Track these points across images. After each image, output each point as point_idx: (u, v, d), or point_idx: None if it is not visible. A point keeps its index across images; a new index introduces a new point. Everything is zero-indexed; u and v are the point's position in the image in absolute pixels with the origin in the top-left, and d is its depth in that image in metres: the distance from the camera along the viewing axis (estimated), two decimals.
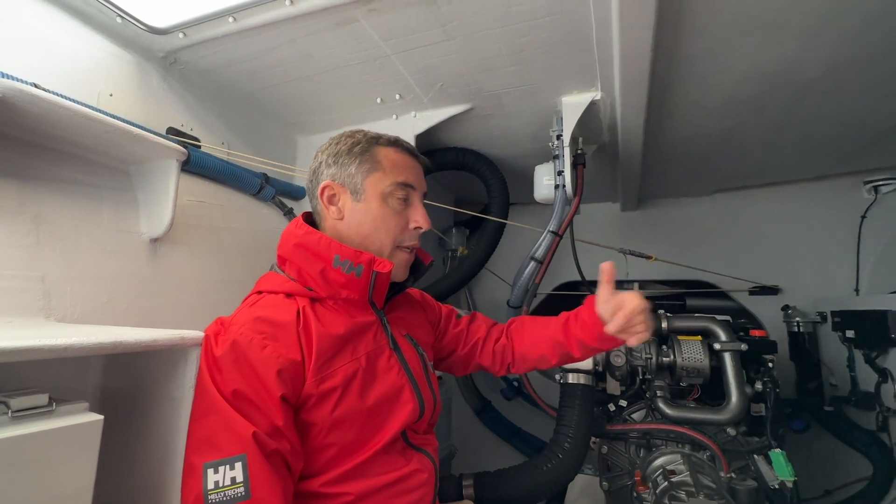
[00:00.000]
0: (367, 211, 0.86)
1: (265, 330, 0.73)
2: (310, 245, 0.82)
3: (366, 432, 0.79)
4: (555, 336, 1.03)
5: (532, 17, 1.16)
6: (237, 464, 0.63)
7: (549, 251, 1.64)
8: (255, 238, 1.54)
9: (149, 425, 0.71)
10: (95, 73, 1.18)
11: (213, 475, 0.62)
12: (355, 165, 0.87)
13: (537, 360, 1.08)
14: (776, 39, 1.18)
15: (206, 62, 1.38)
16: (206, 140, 1.49)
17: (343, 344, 0.80)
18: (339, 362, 0.78)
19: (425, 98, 1.60)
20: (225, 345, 0.71)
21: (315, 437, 0.75)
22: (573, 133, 1.54)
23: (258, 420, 0.67)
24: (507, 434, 2.58)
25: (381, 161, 0.88)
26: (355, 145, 0.89)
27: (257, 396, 0.68)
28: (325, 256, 0.81)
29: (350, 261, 0.81)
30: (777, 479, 1.22)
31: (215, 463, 0.63)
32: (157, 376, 0.70)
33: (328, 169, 0.88)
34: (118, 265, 1.03)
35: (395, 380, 0.84)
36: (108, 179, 1.06)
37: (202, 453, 0.65)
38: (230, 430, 0.65)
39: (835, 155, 1.99)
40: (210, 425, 0.66)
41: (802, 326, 2.08)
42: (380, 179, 0.86)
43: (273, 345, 0.72)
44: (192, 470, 0.64)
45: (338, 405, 0.75)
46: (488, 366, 1.12)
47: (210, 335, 0.74)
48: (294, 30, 1.22)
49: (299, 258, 0.84)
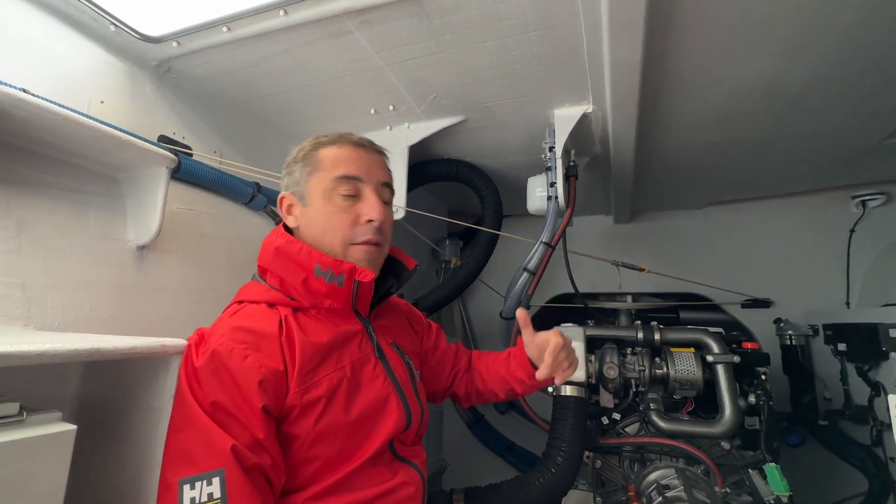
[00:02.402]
0: (314, 213, 0.84)
1: (246, 340, 0.72)
2: (291, 254, 0.81)
3: (351, 444, 0.77)
4: (500, 372, 1.07)
5: (523, 30, 1.17)
6: (215, 479, 0.60)
7: (542, 262, 1.64)
8: (245, 247, 1.52)
9: (128, 435, 0.68)
10: (87, 80, 1.18)
11: (190, 491, 0.59)
12: (299, 170, 0.87)
13: (487, 393, 1.12)
14: (761, 55, 1.21)
15: (200, 71, 1.38)
16: (199, 148, 1.49)
17: (327, 353, 0.78)
18: (323, 372, 0.76)
19: (419, 109, 1.61)
20: (205, 355, 0.69)
21: (298, 449, 0.73)
22: (565, 145, 1.55)
23: (238, 433, 0.65)
24: (501, 449, 2.54)
25: (322, 160, 0.86)
26: (300, 151, 0.89)
27: (237, 408, 0.66)
28: (307, 266, 0.80)
29: (331, 270, 0.79)
30: (772, 493, 1.21)
31: (192, 478, 0.60)
32: (137, 385, 0.68)
33: (283, 181, 0.90)
34: (103, 273, 1.01)
35: (380, 389, 0.82)
36: (96, 186, 1.05)
37: (178, 469, 0.62)
38: (207, 444, 0.62)
39: (823, 170, 2.02)
40: (187, 439, 0.64)
41: (795, 339, 2.08)
42: (320, 179, 0.84)
43: (255, 355, 0.70)
44: (167, 487, 0.61)
45: (322, 416, 0.73)
46: (462, 396, 1.14)
47: (191, 345, 0.72)
48: (288, 40, 1.23)
49: (280, 268, 0.82)
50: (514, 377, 1.04)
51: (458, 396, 1.15)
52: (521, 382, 1.03)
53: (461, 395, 1.14)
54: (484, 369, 1.12)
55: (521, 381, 1.03)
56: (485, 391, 1.12)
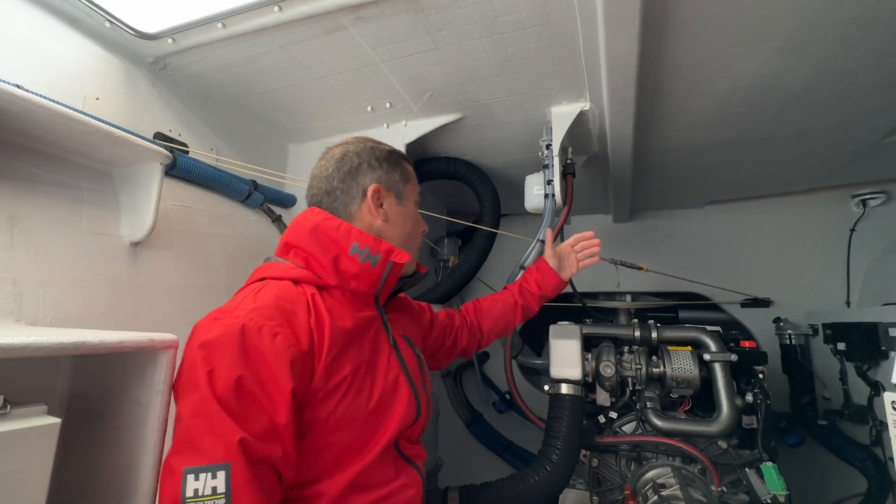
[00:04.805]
0: (408, 214, 0.95)
1: (275, 316, 0.68)
2: (328, 230, 0.81)
3: (366, 432, 0.76)
4: (514, 301, 1.30)
5: (519, 26, 1.17)
6: (220, 472, 0.58)
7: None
8: (241, 245, 1.52)
9: (116, 429, 0.68)
10: (82, 77, 1.18)
11: (194, 482, 0.57)
12: (398, 173, 0.94)
13: (505, 326, 1.31)
14: (759, 52, 1.20)
15: (196, 68, 1.38)
16: (195, 145, 1.49)
17: (351, 338, 0.78)
18: (347, 357, 0.75)
19: (415, 107, 1.60)
20: (232, 329, 0.65)
21: (317, 435, 0.71)
22: (562, 143, 1.55)
23: (256, 417, 0.62)
24: (499, 448, 2.53)
25: (411, 174, 0.99)
26: (392, 154, 0.96)
27: (263, 389, 0.63)
28: (343, 243, 0.80)
29: (369, 248, 0.81)
30: (769, 492, 1.20)
31: (197, 469, 0.58)
32: (126, 380, 0.68)
33: (372, 172, 0.90)
34: (96, 268, 1.01)
35: (394, 378, 0.83)
36: (90, 181, 1.04)
37: (184, 455, 0.60)
38: (215, 434, 0.60)
39: (823, 168, 2.01)
40: (196, 426, 0.61)
41: (794, 339, 2.07)
42: (413, 188, 0.98)
43: (284, 333, 0.67)
44: (171, 472, 0.59)
45: (342, 401, 0.73)
46: (465, 346, 1.25)
47: (203, 324, 0.68)
48: (283, 37, 1.23)
49: (311, 244, 0.82)
50: (532, 297, 1.30)
51: (462, 348, 1.25)
52: (540, 298, 1.31)
53: (464, 346, 1.24)
54: (492, 310, 1.29)
55: (539, 298, 1.31)
56: (504, 325, 1.30)
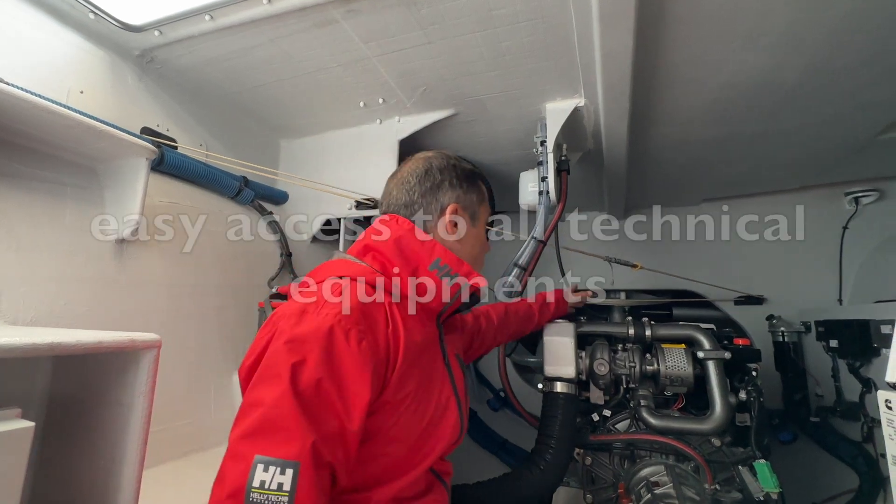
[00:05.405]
0: (478, 235, 0.94)
1: (361, 321, 0.68)
2: (413, 243, 0.82)
3: (416, 448, 0.76)
4: (531, 319, 1.42)
5: (513, 20, 1.15)
6: (289, 470, 0.56)
7: (533, 258, 1.61)
8: (232, 241, 1.50)
9: (97, 432, 0.66)
10: (66, 70, 1.15)
11: (262, 473, 0.55)
12: (475, 193, 0.94)
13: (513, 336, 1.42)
14: (754, 48, 1.19)
15: (184, 61, 1.36)
16: (184, 141, 1.46)
17: (420, 352, 0.77)
18: (414, 371, 0.75)
19: (409, 102, 1.58)
20: (321, 328, 0.64)
21: (374, 445, 0.71)
22: (557, 139, 1.54)
23: (329, 419, 0.61)
24: (493, 446, 2.53)
25: (485, 193, 0.98)
26: (473, 174, 0.95)
27: (341, 394, 0.62)
28: (425, 258, 0.81)
29: (450, 267, 0.81)
30: (762, 490, 1.20)
31: (268, 460, 0.56)
32: (107, 381, 0.66)
33: (453, 190, 0.90)
34: (79, 266, 0.98)
35: (446, 398, 0.84)
36: (73, 177, 1.02)
37: (257, 443, 0.57)
38: (291, 431, 0.58)
39: (816, 166, 2.01)
40: (271, 417, 0.59)
41: (787, 336, 2.08)
42: (485, 210, 0.97)
43: (369, 339, 0.67)
44: (242, 457, 0.57)
45: (403, 415, 0.72)
46: (483, 352, 1.29)
47: (289, 314, 0.67)
48: (273, 30, 1.20)
49: (393, 253, 0.81)
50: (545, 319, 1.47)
51: (481, 354, 1.28)
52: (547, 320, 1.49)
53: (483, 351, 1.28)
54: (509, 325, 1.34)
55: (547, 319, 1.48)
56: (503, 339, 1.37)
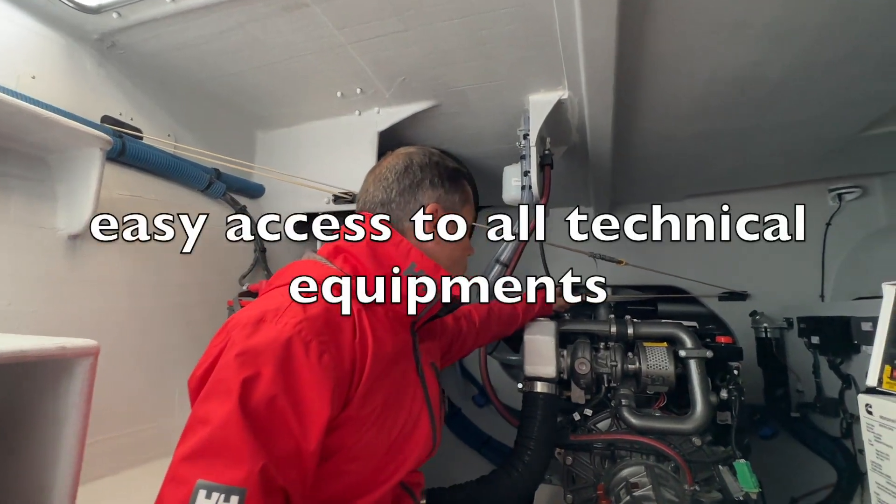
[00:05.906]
0: (459, 238, 0.88)
1: (325, 331, 0.62)
2: (387, 245, 0.76)
3: (383, 464, 0.71)
4: (514, 321, 1.37)
5: (492, 7, 1.10)
6: (234, 497, 0.51)
7: (515, 254, 1.58)
8: (201, 237, 1.43)
9: (28, 447, 0.61)
10: (15, 53, 1.08)
11: (205, 500, 0.50)
12: (458, 194, 0.88)
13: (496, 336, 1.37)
14: (740, 41, 1.16)
15: (149, 47, 1.28)
16: (150, 131, 1.39)
17: (389, 364, 0.72)
18: (381, 385, 0.70)
19: (387, 93, 1.53)
20: (278, 340, 0.58)
21: (335, 463, 0.65)
22: (540, 132, 1.49)
23: (283, 440, 0.56)
24: (477, 443, 2.51)
25: (470, 196, 0.92)
26: (456, 172, 0.89)
27: (297, 413, 0.57)
28: (400, 262, 0.76)
29: (425, 272, 0.76)
30: (741, 490, 1.19)
31: (212, 486, 0.51)
32: (38, 392, 0.60)
33: (434, 190, 0.84)
34: (26, 264, 0.92)
35: (417, 411, 0.79)
36: (20, 168, 0.95)
37: (200, 466, 0.52)
38: (238, 453, 0.53)
39: (801, 162, 2.01)
40: (217, 437, 0.53)
41: (770, 332, 2.08)
42: (469, 212, 0.91)
43: (330, 353, 0.61)
44: (182, 481, 0.52)
45: (367, 431, 0.67)
46: (464, 354, 1.25)
47: (244, 322, 0.60)
48: (239, 13, 1.14)
49: (365, 255, 0.76)
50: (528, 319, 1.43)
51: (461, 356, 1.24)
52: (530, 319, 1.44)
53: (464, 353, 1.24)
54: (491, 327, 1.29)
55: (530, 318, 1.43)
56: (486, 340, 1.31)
